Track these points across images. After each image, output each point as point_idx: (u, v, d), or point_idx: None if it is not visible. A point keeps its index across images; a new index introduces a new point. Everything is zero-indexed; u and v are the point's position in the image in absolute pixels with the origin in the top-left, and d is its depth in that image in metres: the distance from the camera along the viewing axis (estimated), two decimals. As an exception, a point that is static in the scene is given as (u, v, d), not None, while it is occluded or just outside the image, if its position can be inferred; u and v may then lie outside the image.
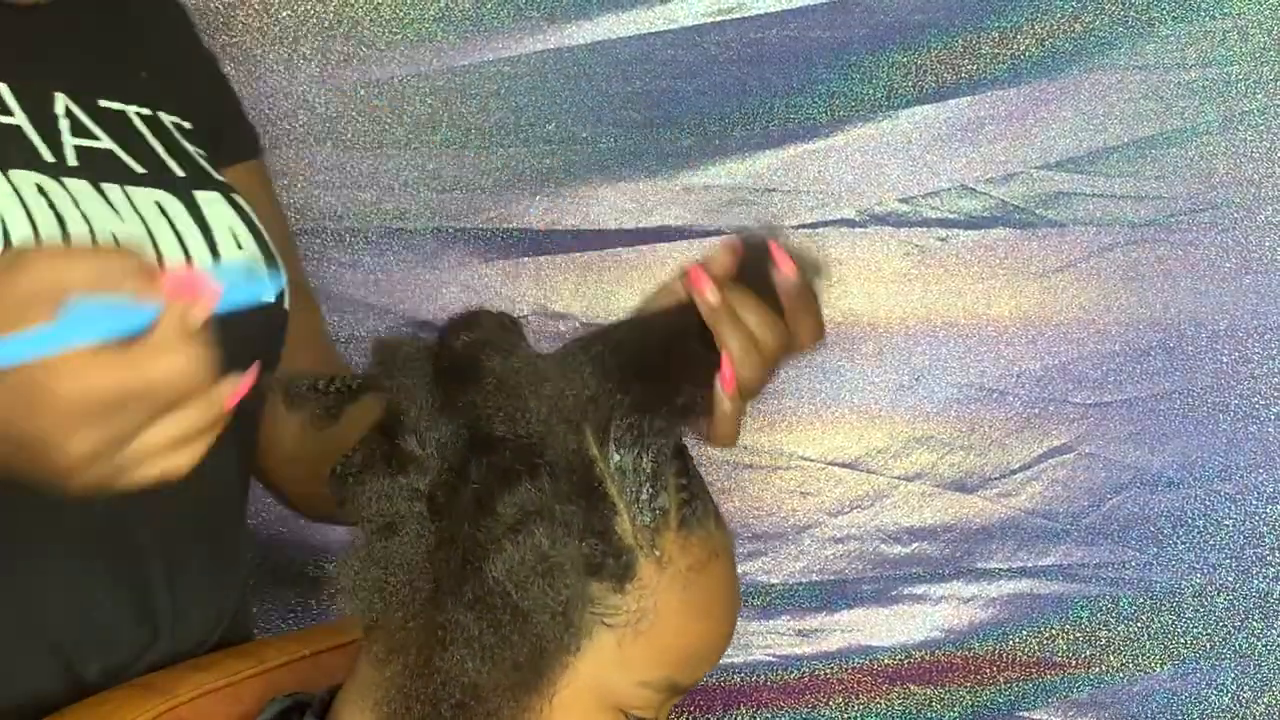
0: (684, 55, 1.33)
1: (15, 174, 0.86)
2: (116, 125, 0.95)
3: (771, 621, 1.40)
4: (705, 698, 1.41)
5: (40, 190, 0.87)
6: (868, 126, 1.35)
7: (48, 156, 0.90)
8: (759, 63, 1.33)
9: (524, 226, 1.35)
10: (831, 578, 1.40)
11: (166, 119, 0.99)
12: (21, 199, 0.86)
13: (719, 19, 1.33)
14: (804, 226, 1.36)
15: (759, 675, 1.41)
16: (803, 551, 1.39)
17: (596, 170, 1.34)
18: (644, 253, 1.36)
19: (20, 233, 0.84)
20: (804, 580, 1.40)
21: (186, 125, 1.01)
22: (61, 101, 0.93)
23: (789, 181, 1.36)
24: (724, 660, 1.38)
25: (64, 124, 0.92)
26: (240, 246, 0.94)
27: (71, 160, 0.91)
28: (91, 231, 0.87)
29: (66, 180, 0.89)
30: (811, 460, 1.38)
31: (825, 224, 1.36)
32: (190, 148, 0.99)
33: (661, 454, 0.77)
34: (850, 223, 1.36)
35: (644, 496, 0.76)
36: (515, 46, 1.32)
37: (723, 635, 0.81)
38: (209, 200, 0.95)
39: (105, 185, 0.91)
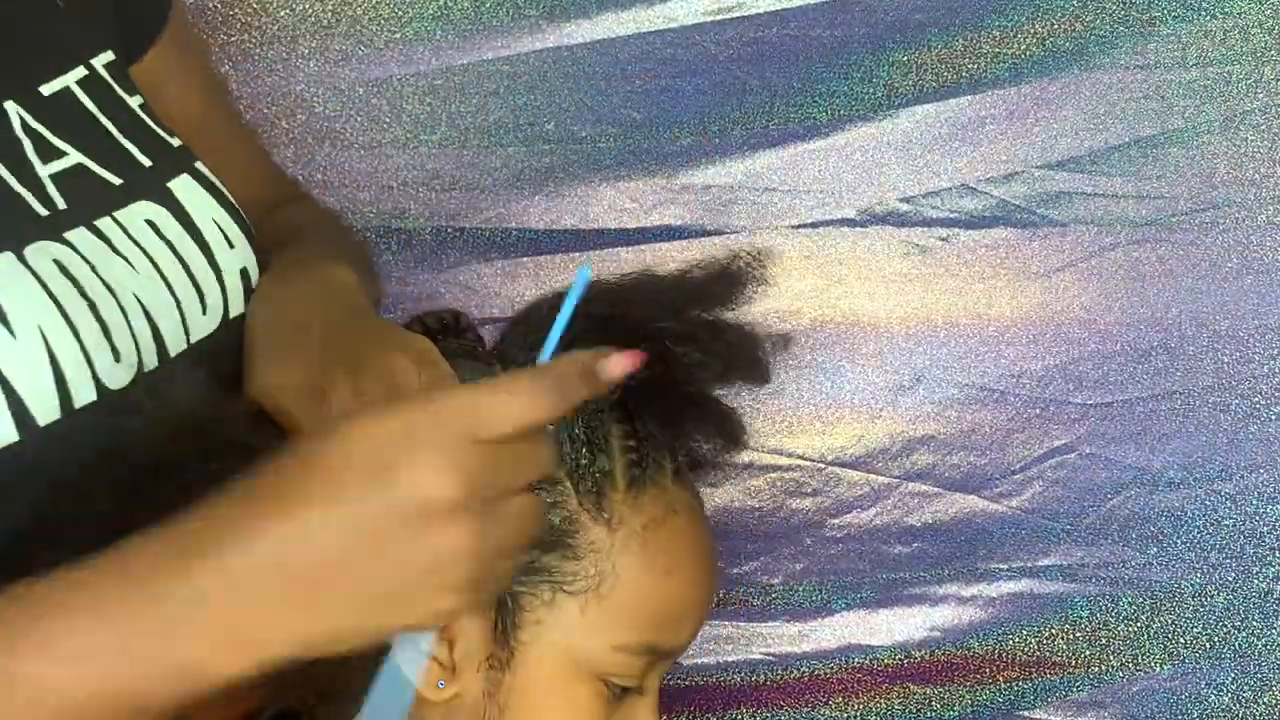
0: (684, 54, 1.33)
1: (31, 251, 0.78)
2: (70, 118, 0.86)
3: (772, 621, 1.40)
4: (705, 697, 1.40)
5: (59, 267, 0.80)
6: (868, 126, 1.35)
7: (39, 209, 0.81)
8: (759, 62, 1.33)
9: (524, 226, 1.34)
10: (832, 578, 1.40)
11: (100, 68, 0.90)
12: (46, 288, 0.78)
13: (719, 18, 1.32)
14: (804, 226, 1.36)
15: (759, 675, 1.41)
16: (803, 551, 1.39)
17: (596, 170, 1.34)
18: (644, 253, 1.35)
19: (62, 342, 0.76)
20: (804, 580, 1.40)
21: (113, 59, 0.91)
22: (14, 111, 0.84)
23: (789, 181, 1.35)
24: (723, 659, 1.39)
25: (27, 146, 0.83)
26: (231, 244, 0.89)
27: (59, 201, 0.82)
28: (116, 300, 0.81)
29: (70, 235, 0.81)
30: (811, 460, 1.37)
31: (825, 224, 1.36)
32: (133, 104, 0.91)
33: (596, 416, 0.78)
34: (850, 222, 1.36)
35: (583, 462, 0.77)
36: (514, 46, 1.32)
37: (696, 592, 0.80)
38: (183, 189, 0.89)
39: (99, 222, 0.83)
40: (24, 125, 0.83)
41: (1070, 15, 1.33)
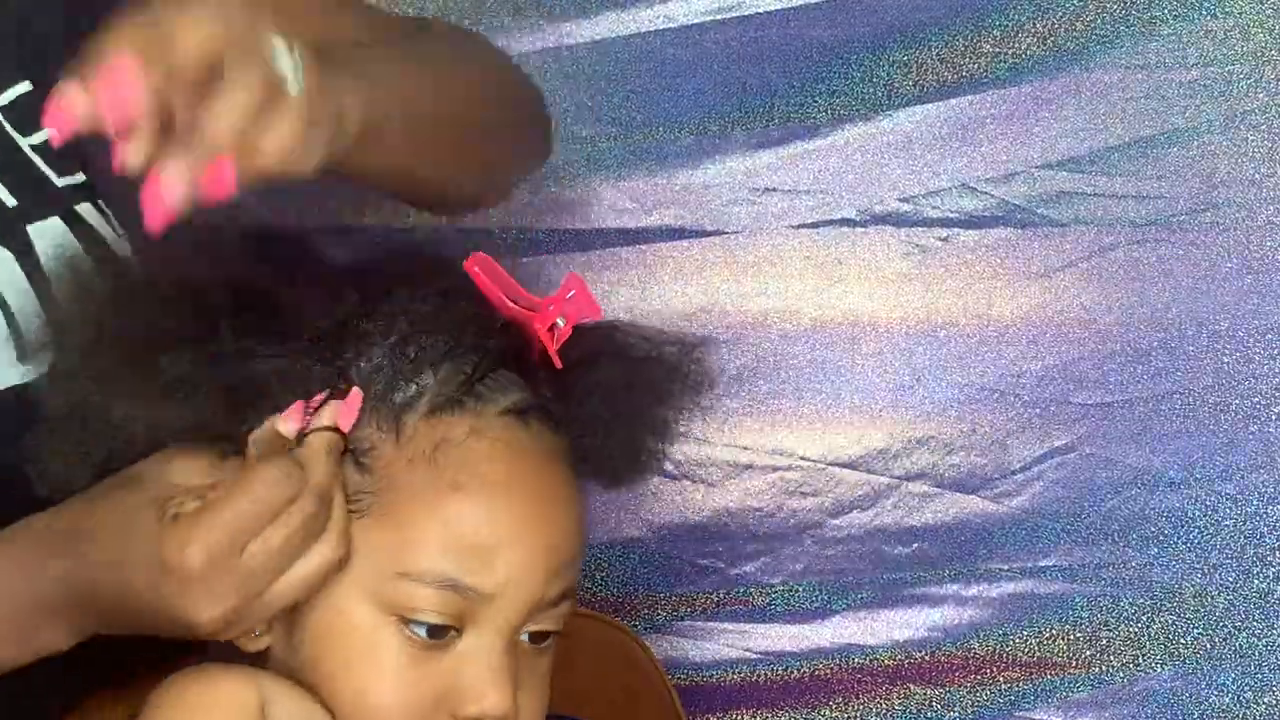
0: (684, 54, 1.33)
1: None
2: None
3: (771, 621, 1.40)
4: (705, 697, 1.41)
5: None
6: (868, 126, 1.35)
7: None
8: (759, 62, 1.33)
9: (524, 226, 1.35)
10: (832, 578, 1.40)
11: None
12: None
13: (719, 18, 1.33)
14: (804, 226, 1.36)
15: (759, 674, 1.41)
16: (803, 551, 1.39)
17: (596, 170, 1.34)
18: (644, 252, 1.35)
19: None
20: (804, 580, 1.40)
21: (26, 90, 0.89)
22: None
23: (789, 181, 1.35)
24: (723, 659, 1.39)
25: None
26: None
27: None
28: None
29: None
30: (811, 460, 1.37)
31: (825, 224, 1.36)
32: (24, 142, 0.89)
33: (417, 330, 0.76)
34: (850, 222, 1.36)
35: (388, 379, 0.76)
36: (515, 46, 1.32)
37: (500, 524, 0.75)
38: (45, 233, 0.87)
39: None
40: None
41: (1070, 15, 1.33)
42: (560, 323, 0.80)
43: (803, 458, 1.37)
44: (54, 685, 0.87)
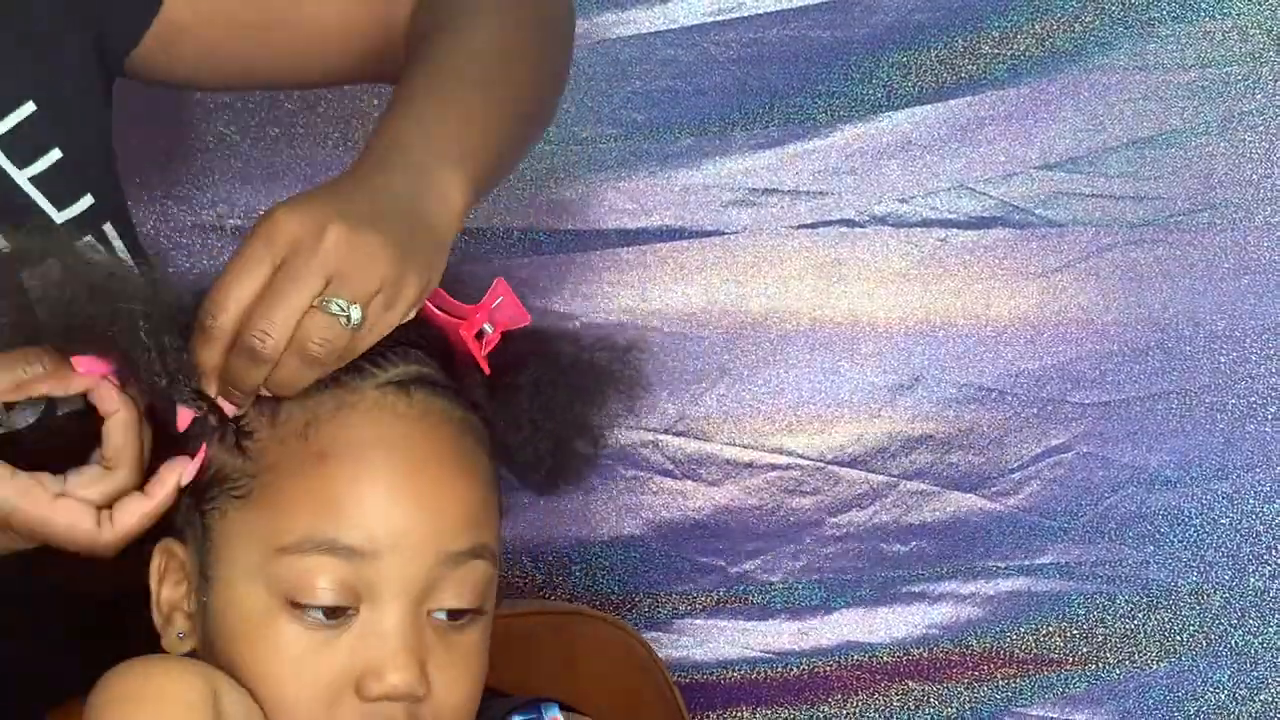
0: (684, 55, 1.33)
1: None
2: None
3: (771, 619, 1.41)
4: (705, 694, 1.41)
5: None
6: (868, 126, 1.35)
7: None
8: (759, 63, 1.33)
9: (524, 226, 1.35)
10: (831, 576, 1.40)
11: None
12: None
13: (719, 19, 1.33)
14: (804, 226, 1.36)
15: (759, 672, 1.41)
16: (802, 550, 1.39)
17: (596, 170, 1.34)
18: (644, 253, 1.36)
19: None
20: (804, 579, 1.40)
21: (30, 112, 0.86)
22: None
23: (789, 181, 1.35)
24: (723, 657, 1.39)
25: None
26: None
27: None
28: None
29: None
30: (811, 459, 1.38)
31: (825, 224, 1.36)
32: (21, 175, 0.86)
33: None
34: (850, 223, 1.36)
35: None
36: (515, 46, 1.32)
37: (370, 484, 0.74)
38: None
39: None
40: None
41: (1070, 16, 1.34)
42: (488, 329, 0.79)
43: (802, 457, 1.38)
44: (39, 686, 0.87)
